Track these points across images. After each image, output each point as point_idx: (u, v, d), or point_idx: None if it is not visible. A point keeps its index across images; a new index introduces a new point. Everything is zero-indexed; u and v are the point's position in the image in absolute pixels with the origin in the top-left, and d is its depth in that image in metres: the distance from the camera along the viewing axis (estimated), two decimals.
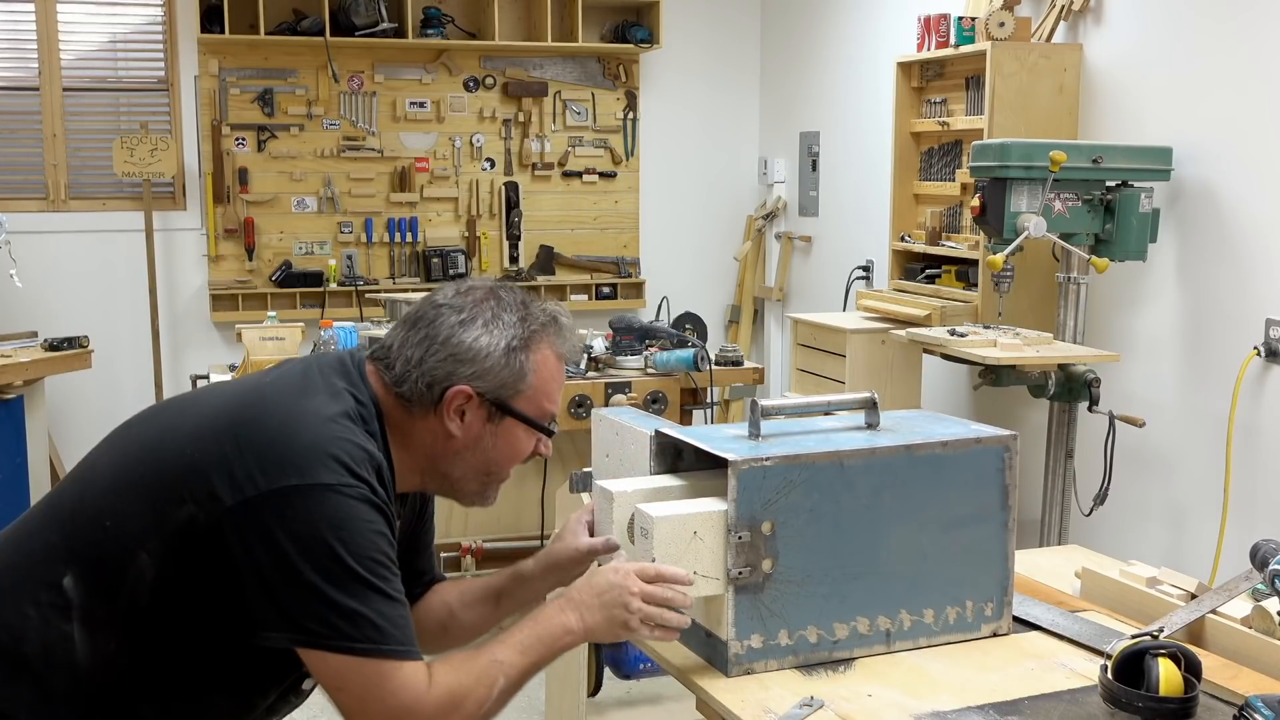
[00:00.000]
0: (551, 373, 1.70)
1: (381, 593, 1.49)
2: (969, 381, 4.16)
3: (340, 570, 1.46)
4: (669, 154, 6.22)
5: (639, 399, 4.14)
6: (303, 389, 1.60)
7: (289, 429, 1.52)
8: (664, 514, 1.68)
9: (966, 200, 4.15)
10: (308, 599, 1.46)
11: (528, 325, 1.67)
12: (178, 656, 1.55)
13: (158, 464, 1.54)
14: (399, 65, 5.76)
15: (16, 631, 1.53)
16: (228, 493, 1.47)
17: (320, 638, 1.48)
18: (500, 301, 1.68)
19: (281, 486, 1.47)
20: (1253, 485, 3.43)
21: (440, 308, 1.66)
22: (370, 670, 1.48)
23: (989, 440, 1.83)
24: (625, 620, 1.63)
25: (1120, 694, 1.55)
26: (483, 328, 1.64)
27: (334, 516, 1.47)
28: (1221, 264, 3.55)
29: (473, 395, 1.63)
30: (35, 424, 4.40)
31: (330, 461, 1.49)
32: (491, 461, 1.70)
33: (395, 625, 1.50)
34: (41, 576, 1.54)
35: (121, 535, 1.52)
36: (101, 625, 1.52)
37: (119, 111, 5.56)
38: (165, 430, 1.60)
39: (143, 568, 1.51)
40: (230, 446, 1.50)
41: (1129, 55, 3.86)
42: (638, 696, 3.59)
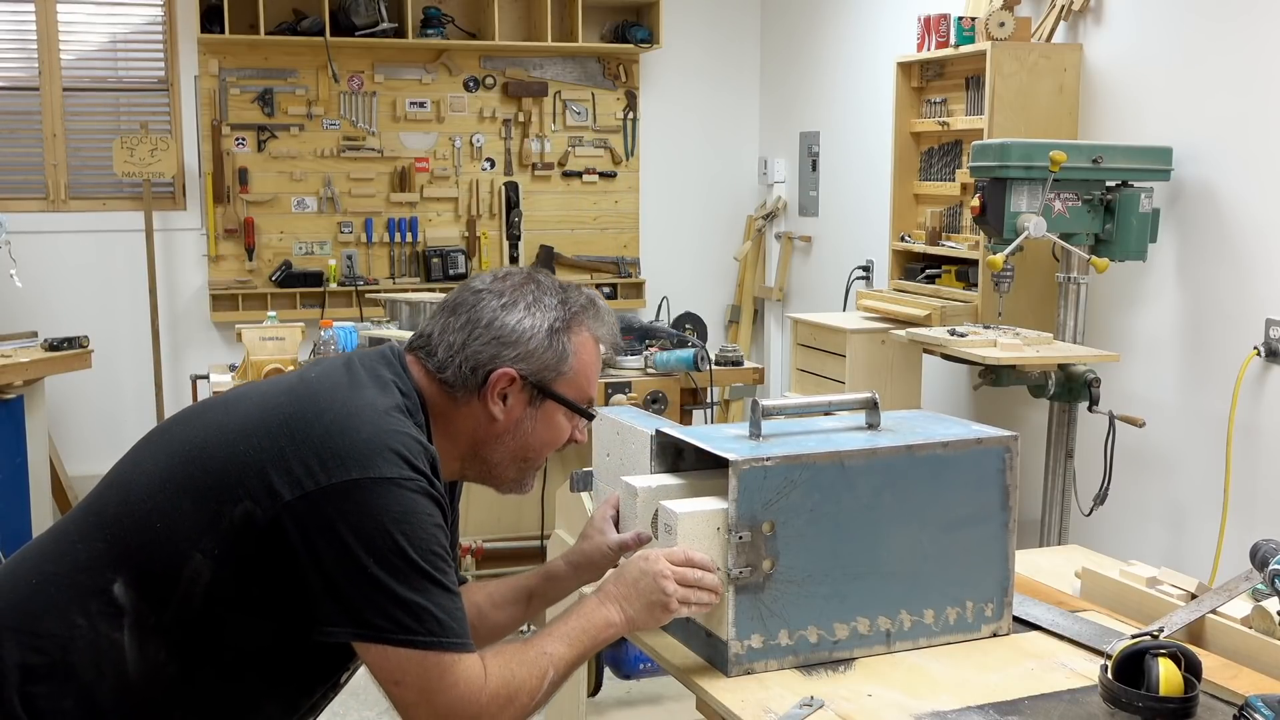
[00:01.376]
0: (591, 356, 1.71)
1: (441, 586, 1.49)
2: (969, 381, 4.16)
3: (403, 564, 1.47)
4: (669, 154, 6.22)
5: (639, 399, 4.14)
6: (352, 383, 1.60)
7: (347, 423, 1.51)
8: (688, 510, 1.69)
9: (966, 200, 4.15)
10: (371, 592, 1.46)
11: (569, 308, 1.69)
12: (226, 663, 1.54)
13: (207, 462, 1.53)
14: (399, 65, 5.76)
15: (64, 641, 1.51)
16: (287, 488, 1.47)
17: (383, 631, 1.47)
18: (540, 285, 1.69)
19: (343, 480, 1.47)
20: (1253, 485, 3.43)
21: (480, 293, 1.68)
22: (431, 663, 1.49)
23: (989, 441, 1.83)
24: (665, 604, 1.66)
25: (1120, 694, 1.55)
26: (525, 310, 1.66)
27: (396, 510, 1.47)
28: (1221, 264, 3.55)
29: (516, 378, 1.65)
30: (35, 424, 4.40)
31: (390, 455, 1.49)
32: (530, 447, 1.71)
33: (454, 618, 1.50)
34: (89, 584, 1.52)
35: (173, 536, 1.51)
36: (152, 633, 1.51)
37: (119, 111, 5.57)
38: (212, 428, 1.57)
39: (198, 568, 1.49)
40: (286, 441, 1.50)
41: (1129, 55, 3.86)
42: (638, 696, 3.58)
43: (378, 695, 4.43)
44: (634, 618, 1.68)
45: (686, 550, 1.67)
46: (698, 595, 1.67)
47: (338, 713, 3.83)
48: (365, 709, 3.90)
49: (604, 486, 2.32)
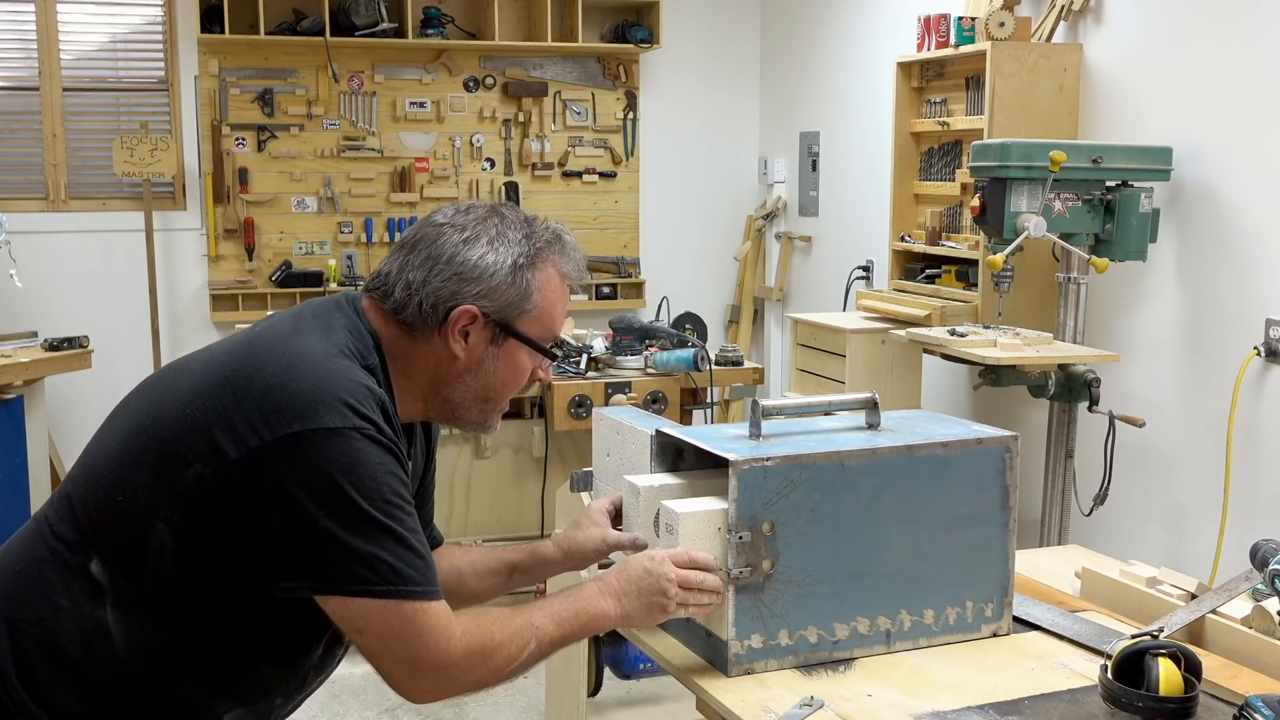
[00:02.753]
0: (556, 293, 1.66)
1: (396, 535, 1.47)
2: (969, 381, 4.16)
3: (354, 514, 1.44)
4: (669, 154, 6.22)
5: (639, 399, 4.14)
6: (296, 332, 1.57)
7: (287, 374, 1.48)
8: (689, 510, 1.69)
9: (966, 200, 4.15)
10: (322, 545, 1.45)
11: (533, 243, 1.64)
12: (212, 626, 1.53)
13: (158, 430, 1.52)
14: (399, 65, 5.76)
15: (51, 624, 1.52)
16: (231, 446, 1.45)
17: (337, 583, 1.46)
18: (504, 219, 1.64)
19: (286, 434, 1.44)
20: (1253, 485, 3.43)
21: (441, 227, 1.63)
22: (391, 612, 1.47)
23: (989, 441, 1.83)
24: (663, 605, 1.66)
25: (1120, 694, 1.55)
26: (488, 245, 1.61)
27: (343, 460, 1.45)
28: (1221, 264, 3.55)
29: (478, 315, 1.60)
30: (35, 424, 4.40)
31: (335, 403, 1.46)
32: (492, 386, 1.67)
33: (412, 566, 1.48)
34: (68, 566, 1.53)
35: (135, 508, 1.51)
36: (133, 606, 1.51)
37: (119, 111, 5.56)
38: (161, 395, 1.57)
39: (162, 537, 1.49)
40: (228, 399, 1.48)
41: (1129, 55, 3.86)
42: (638, 696, 3.59)
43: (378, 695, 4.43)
44: (630, 614, 1.67)
45: (691, 552, 1.67)
46: (697, 598, 1.67)
47: (338, 713, 3.83)
48: (365, 709, 3.90)
49: (604, 486, 2.32)
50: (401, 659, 1.50)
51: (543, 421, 4.32)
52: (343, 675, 1.81)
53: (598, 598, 1.66)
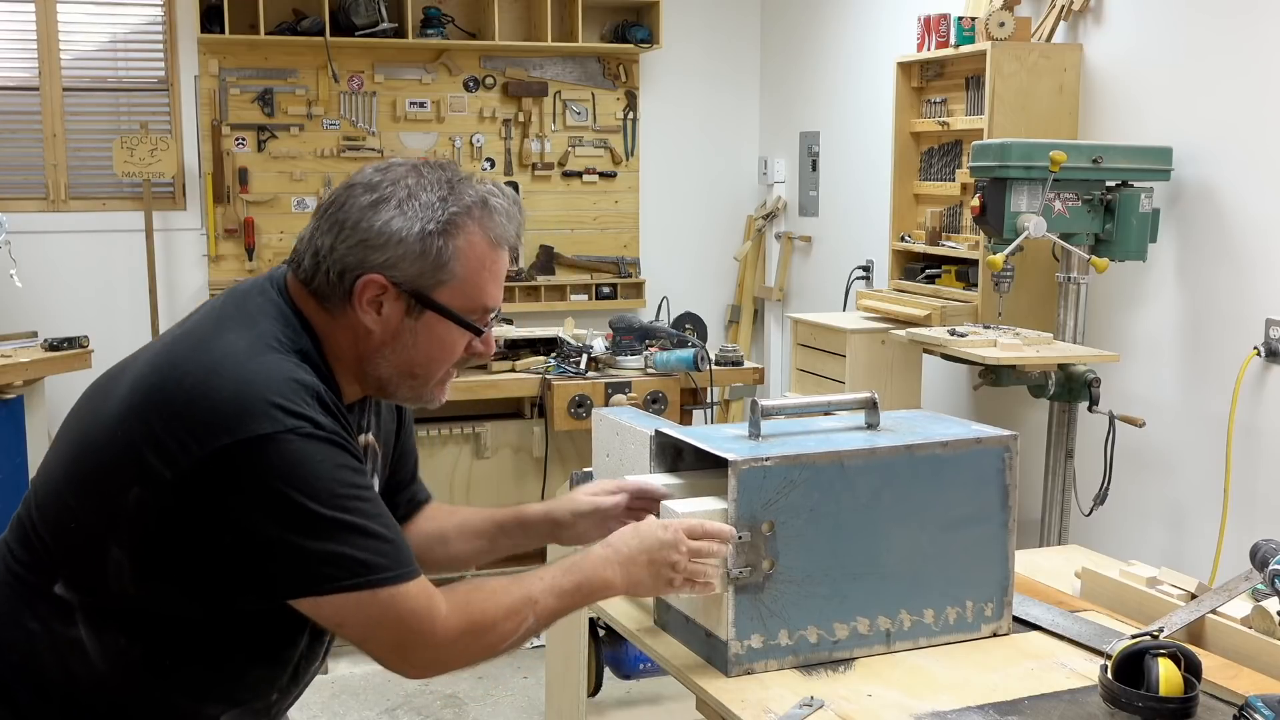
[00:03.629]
0: (481, 261, 1.50)
1: (355, 527, 1.40)
2: (969, 381, 4.16)
3: (305, 518, 1.37)
4: (669, 154, 6.22)
5: (639, 399, 4.14)
6: (215, 328, 1.48)
7: (207, 384, 1.39)
8: (689, 510, 1.69)
9: (966, 200, 4.15)
10: (279, 555, 1.39)
11: (448, 206, 1.48)
12: (186, 636, 1.48)
13: (93, 454, 1.45)
14: (399, 65, 5.76)
15: (25, 650, 1.48)
16: (164, 467, 1.37)
17: (303, 586, 1.41)
18: (421, 179, 1.49)
19: (216, 449, 1.36)
20: (1253, 485, 3.43)
21: (352, 188, 1.50)
22: (366, 602, 1.41)
23: (989, 440, 1.83)
24: (670, 579, 1.63)
25: (1120, 694, 1.55)
26: (396, 209, 1.47)
27: (281, 466, 1.36)
28: (1221, 264, 3.55)
29: (387, 285, 1.47)
30: (35, 424, 4.40)
31: (260, 406, 1.37)
32: (416, 361, 1.53)
33: (379, 554, 1.41)
34: (32, 589, 1.49)
35: (86, 534, 1.45)
36: (104, 622, 1.46)
37: (119, 111, 5.56)
38: (94, 415, 1.49)
39: (118, 559, 1.43)
40: (155, 418, 1.39)
41: (1129, 55, 3.86)
42: (638, 696, 3.59)
43: (378, 695, 4.43)
44: (636, 584, 1.63)
45: (704, 523, 1.65)
46: (705, 574, 1.64)
47: (338, 713, 3.83)
48: (365, 709, 3.90)
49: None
50: (387, 644, 1.46)
51: (543, 421, 4.31)
52: (343, 675, 1.80)
53: (603, 567, 1.60)
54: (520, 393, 4.27)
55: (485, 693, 4.04)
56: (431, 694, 4.02)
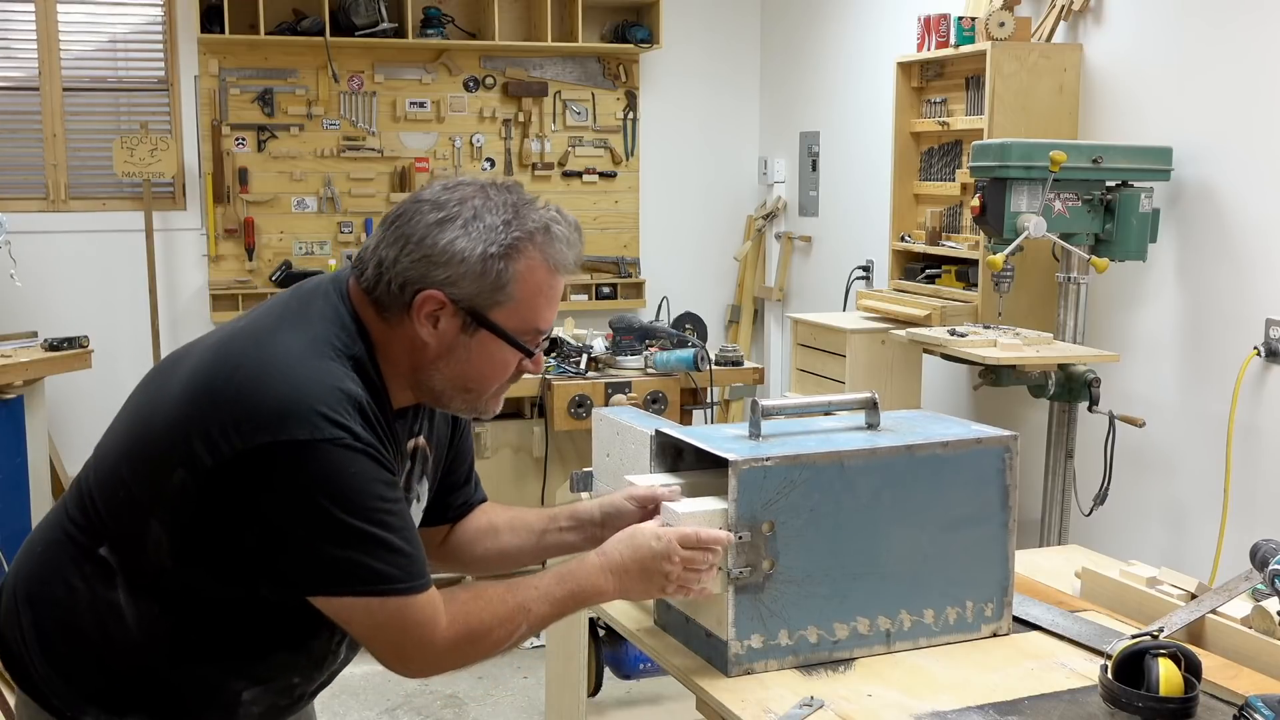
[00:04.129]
0: (538, 286, 1.54)
1: (376, 539, 1.45)
2: (969, 381, 4.16)
3: (329, 525, 1.43)
4: (669, 154, 6.22)
5: (639, 399, 4.14)
6: (274, 326, 1.53)
7: (259, 380, 1.44)
8: (689, 510, 1.69)
9: (966, 200, 4.15)
10: (299, 555, 1.45)
11: (511, 230, 1.52)
12: (217, 615, 1.54)
13: (150, 431, 1.52)
14: (399, 65, 5.76)
15: (67, 605, 1.55)
16: (207, 454, 1.44)
17: (318, 585, 1.47)
18: (488, 200, 1.53)
19: (257, 445, 1.42)
20: (1253, 485, 3.43)
21: (420, 204, 1.54)
22: (375, 609, 1.47)
23: (989, 440, 1.83)
24: (662, 586, 1.65)
25: (1120, 694, 1.55)
26: (460, 229, 1.50)
27: (317, 474, 1.42)
28: (1221, 264, 3.55)
29: (445, 302, 1.51)
30: (35, 424, 4.40)
31: (306, 413, 1.42)
32: (469, 376, 1.57)
33: (395, 565, 1.47)
34: (81, 548, 1.56)
35: (133, 505, 1.52)
36: (142, 590, 1.53)
37: (119, 111, 5.56)
38: (157, 393, 1.56)
39: (158, 535, 1.50)
40: (206, 405, 1.46)
41: (1129, 55, 3.86)
42: (638, 696, 3.59)
43: (378, 695, 4.43)
44: (627, 591, 1.67)
45: (699, 531, 1.65)
46: (698, 580, 1.65)
47: (338, 713, 3.83)
48: (365, 709, 3.90)
49: (604, 487, 2.32)
50: (389, 647, 1.52)
51: (543, 421, 4.32)
52: (343, 675, 1.80)
53: (597, 574, 1.63)
54: (520, 393, 4.27)
55: (485, 693, 4.04)
56: (431, 694, 4.02)
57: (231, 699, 1.60)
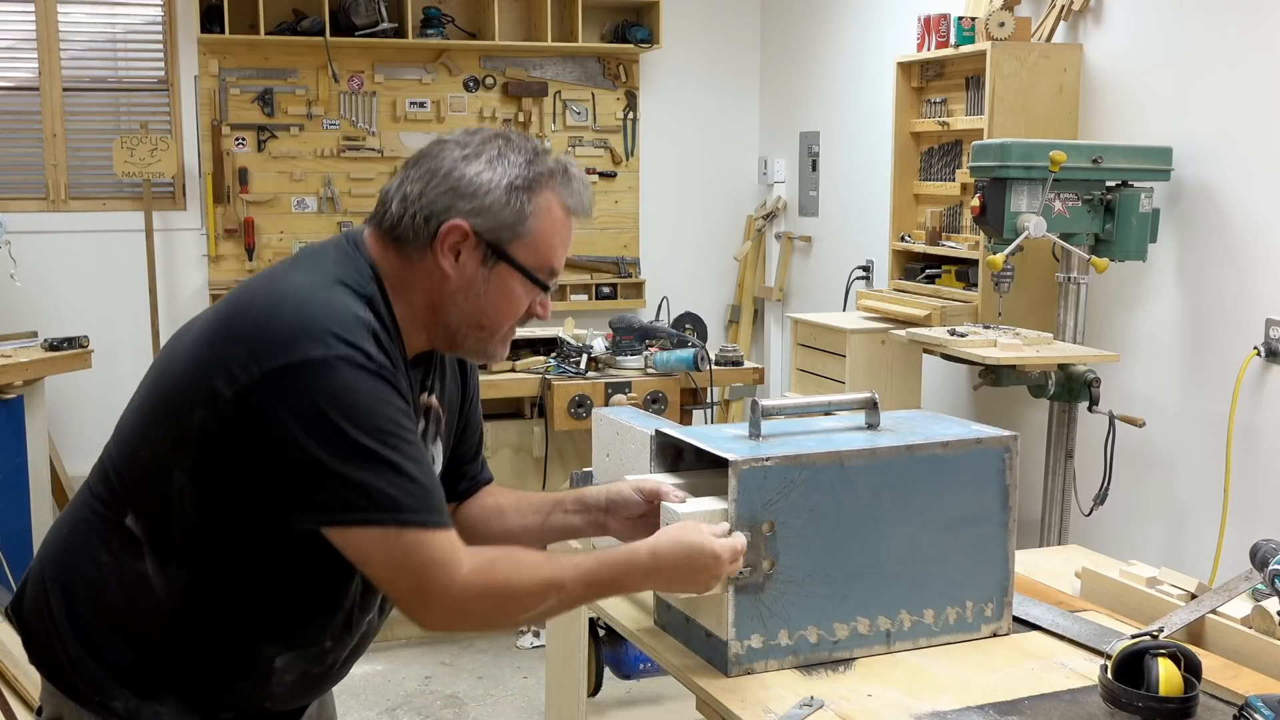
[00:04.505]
0: (555, 224, 1.61)
1: (390, 463, 1.46)
2: (969, 381, 4.16)
3: (343, 443, 1.43)
4: (669, 154, 6.22)
5: (639, 399, 4.14)
6: (286, 269, 1.58)
7: (272, 310, 1.48)
8: (689, 510, 1.69)
9: (966, 200, 4.15)
10: (315, 476, 1.44)
11: (534, 168, 1.59)
12: (244, 571, 1.55)
13: (168, 382, 1.55)
14: (399, 65, 5.76)
15: (96, 583, 1.56)
16: (225, 386, 1.46)
17: (333, 513, 1.46)
18: (509, 143, 1.61)
19: (272, 368, 1.44)
20: (1253, 485, 3.43)
21: (445, 144, 1.61)
22: (391, 541, 1.46)
23: (989, 441, 1.83)
24: (693, 590, 1.65)
25: (1120, 694, 1.55)
26: (486, 164, 1.58)
27: (330, 390, 1.44)
28: (1221, 264, 3.55)
29: (469, 233, 1.57)
30: (35, 424, 4.40)
31: (319, 333, 1.45)
32: (484, 312, 1.61)
33: (410, 494, 1.47)
34: (107, 523, 1.58)
35: (155, 460, 1.54)
36: (169, 556, 1.54)
37: (119, 111, 5.57)
38: (173, 351, 1.60)
39: (181, 486, 1.51)
40: (222, 343, 1.49)
41: (1129, 55, 3.86)
42: (638, 696, 3.58)
43: (378, 695, 4.42)
44: (661, 588, 1.68)
45: (741, 545, 1.64)
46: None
47: (338, 713, 3.82)
48: (365, 709, 3.90)
49: None
50: (407, 588, 1.50)
51: (543, 421, 4.31)
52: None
53: (640, 574, 1.62)
54: (520, 393, 4.27)
55: (485, 693, 4.04)
56: (431, 694, 4.02)
57: (264, 667, 1.60)
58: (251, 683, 1.61)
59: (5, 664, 3.22)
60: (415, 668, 4.17)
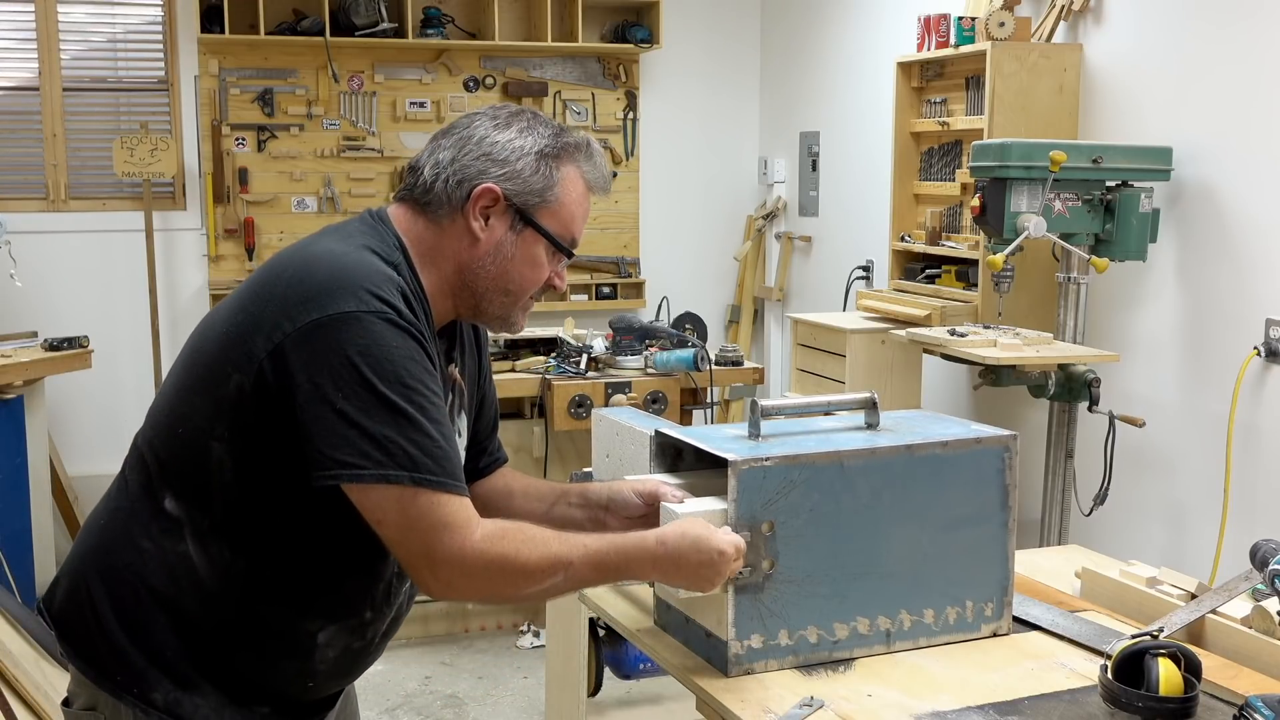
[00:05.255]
0: (578, 195, 1.70)
1: (412, 419, 1.48)
2: (969, 381, 4.16)
3: (370, 395, 1.46)
4: (669, 154, 6.22)
5: (639, 399, 4.14)
6: (315, 239, 1.63)
7: (305, 271, 1.53)
8: (689, 510, 1.69)
9: (966, 200, 4.15)
10: (340, 428, 1.46)
11: (561, 140, 1.68)
12: (285, 542, 1.57)
13: (204, 356, 1.58)
14: (399, 65, 5.76)
15: (139, 568, 1.58)
16: (261, 346, 1.49)
17: (354, 468, 1.47)
18: (536, 117, 1.70)
19: (306, 323, 1.48)
20: (1253, 485, 3.43)
21: (475, 115, 1.69)
22: (407, 500, 1.48)
23: (989, 440, 1.83)
24: (696, 587, 1.64)
25: (1120, 694, 1.55)
26: (518, 133, 1.66)
27: (359, 341, 1.47)
28: (1221, 264, 3.55)
29: (500, 197, 1.64)
30: (35, 424, 4.40)
31: (351, 287, 1.49)
32: (510, 276, 1.67)
33: (429, 454, 1.49)
34: (146, 509, 1.60)
35: (192, 436, 1.56)
36: (210, 535, 1.56)
37: (119, 111, 5.57)
38: (206, 327, 1.63)
39: (220, 457, 1.54)
40: (256, 308, 1.53)
41: (1129, 55, 3.86)
42: (638, 696, 3.59)
43: (378, 695, 4.42)
44: (666, 580, 1.67)
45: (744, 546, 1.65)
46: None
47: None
48: (365, 709, 3.90)
49: None
50: (417, 550, 1.51)
51: (543, 421, 4.32)
52: None
53: (649, 563, 1.62)
54: (520, 393, 4.27)
55: (485, 693, 4.04)
56: (431, 694, 4.02)
57: (307, 642, 1.62)
58: (296, 661, 1.63)
59: (5, 664, 3.22)
60: (415, 668, 4.18)
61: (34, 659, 3.29)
